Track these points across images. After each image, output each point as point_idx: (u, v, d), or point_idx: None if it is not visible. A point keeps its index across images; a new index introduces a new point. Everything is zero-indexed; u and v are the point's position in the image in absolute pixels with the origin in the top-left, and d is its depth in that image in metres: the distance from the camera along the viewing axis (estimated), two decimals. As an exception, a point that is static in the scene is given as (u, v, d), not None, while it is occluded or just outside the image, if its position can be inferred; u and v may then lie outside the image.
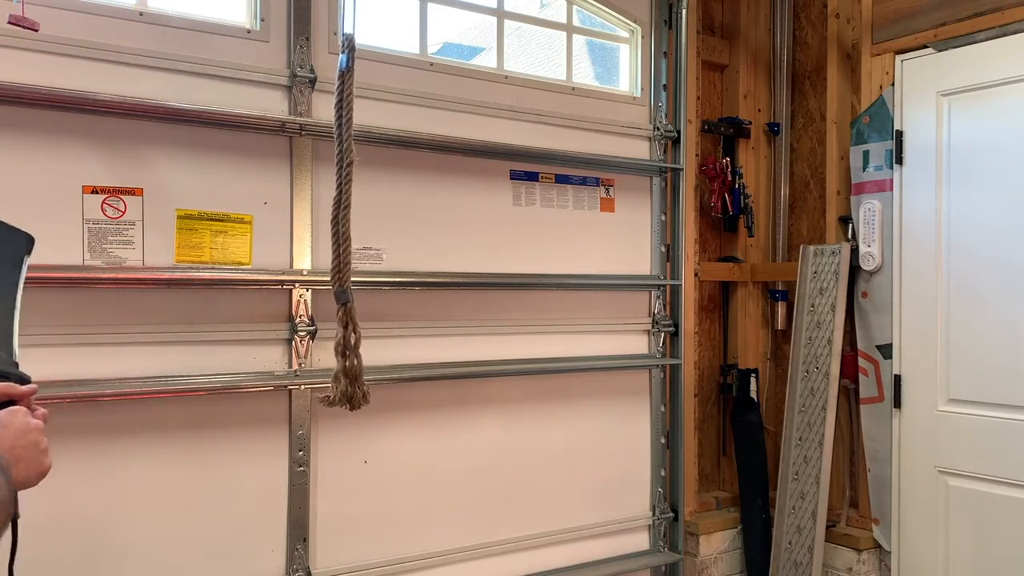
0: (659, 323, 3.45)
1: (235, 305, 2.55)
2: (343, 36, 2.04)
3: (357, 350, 2.02)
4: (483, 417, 3.04)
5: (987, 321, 3.02)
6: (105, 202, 2.34)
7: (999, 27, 2.98)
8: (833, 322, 3.36)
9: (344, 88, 2.00)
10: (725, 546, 3.63)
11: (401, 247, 2.84)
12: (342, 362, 2.01)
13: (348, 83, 2.00)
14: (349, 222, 2.02)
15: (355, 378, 2.02)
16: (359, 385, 2.02)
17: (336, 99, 2.01)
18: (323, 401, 2.04)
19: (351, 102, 2.01)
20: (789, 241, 3.81)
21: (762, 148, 3.86)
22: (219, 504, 2.54)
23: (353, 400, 2.02)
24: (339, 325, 2.02)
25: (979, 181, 3.05)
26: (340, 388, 2.01)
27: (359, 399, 2.02)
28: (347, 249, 2.02)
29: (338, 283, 2.02)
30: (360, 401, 2.03)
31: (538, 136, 3.13)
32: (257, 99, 2.58)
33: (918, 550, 3.23)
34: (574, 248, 3.24)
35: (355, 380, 2.02)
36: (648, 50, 3.47)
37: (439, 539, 2.94)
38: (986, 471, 3.02)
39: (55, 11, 2.26)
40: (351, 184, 2.00)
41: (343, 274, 2.02)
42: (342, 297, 2.02)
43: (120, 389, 2.34)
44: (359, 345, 2.02)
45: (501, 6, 3.14)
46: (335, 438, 2.73)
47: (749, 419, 3.67)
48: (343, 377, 2.01)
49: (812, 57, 3.72)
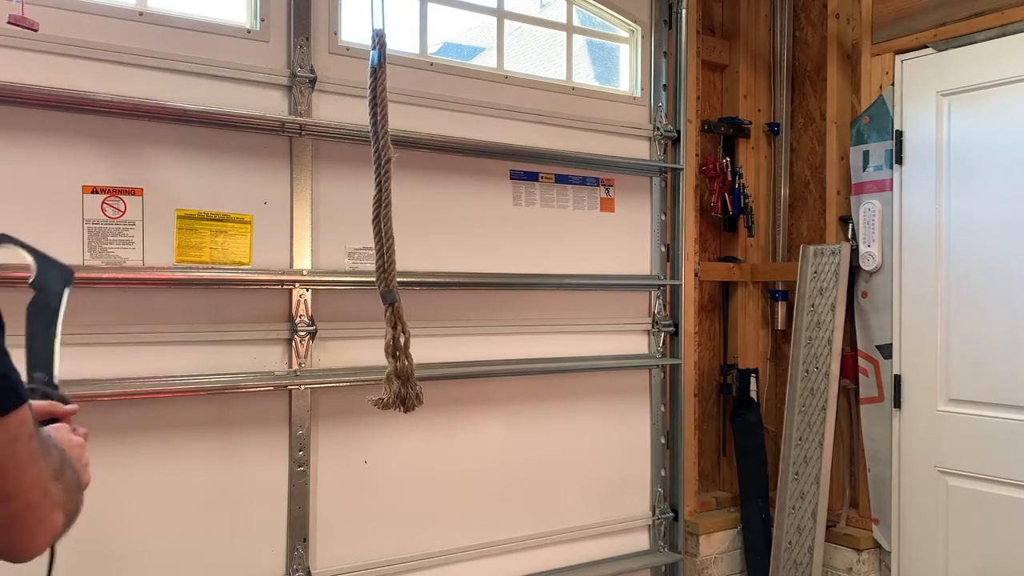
0: (659, 323, 3.45)
1: (235, 305, 2.55)
2: (373, 32, 2.01)
3: (407, 350, 1.95)
4: (483, 417, 3.04)
5: (987, 321, 3.02)
6: (105, 202, 2.34)
7: (999, 27, 2.98)
8: (833, 322, 3.36)
9: (377, 85, 1.97)
10: (725, 546, 3.63)
11: (401, 247, 2.81)
12: (393, 363, 1.94)
13: (381, 80, 1.97)
14: (391, 220, 1.97)
15: (407, 379, 1.94)
16: (412, 386, 1.95)
17: (369, 96, 1.98)
18: (376, 404, 1.96)
19: (385, 99, 1.97)
20: (789, 241, 3.81)
21: (762, 148, 3.86)
22: (219, 504, 2.54)
23: (407, 401, 1.94)
24: (387, 326, 1.95)
25: (979, 181, 3.05)
26: (393, 390, 1.94)
27: (412, 400, 1.95)
28: (391, 248, 1.96)
29: (384, 283, 1.96)
30: (414, 402, 1.95)
31: (538, 136, 3.13)
32: (257, 99, 2.58)
33: (918, 550, 3.23)
34: (574, 248, 3.24)
35: (407, 381, 1.94)
36: (648, 50, 3.47)
37: (439, 539, 2.94)
38: (986, 471, 3.02)
39: (55, 11, 2.26)
40: (391, 182, 1.95)
41: (389, 274, 1.96)
42: (389, 297, 1.96)
43: (120, 389, 2.34)
44: (409, 345, 1.95)
45: (501, 6, 3.14)
46: (335, 438, 2.73)
47: (749, 419, 3.67)
48: (395, 379, 1.94)
49: (812, 57, 3.72)
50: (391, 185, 1.95)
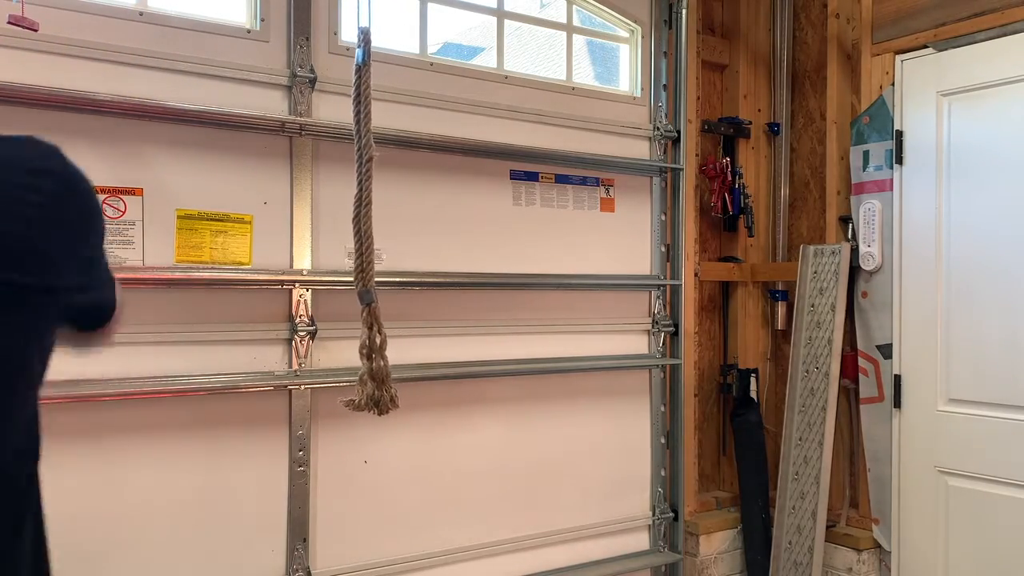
0: (659, 323, 3.45)
1: (235, 305, 2.55)
2: (359, 30, 2.01)
3: (383, 352, 1.93)
4: (483, 417, 3.04)
5: (987, 321, 3.02)
6: (105, 202, 2.34)
7: (999, 27, 2.98)
8: (833, 322, 3.36)
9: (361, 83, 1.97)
10: (725, 546, 3.63)
11: (401, 247, 2.84)
12: (368, 364, 1.92)
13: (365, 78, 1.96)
14: (371, 220, 1.96)
15: (382, 381, 1.92)
16: (387, 388, 1.93)
17: (353, 94, 1.97)
18: (348, 405, 1.95)
19: (368, 97, 1.96)
20: (789, 241, 3.81)
21: (762, 148, 3.86)
22: (219, 504, 2.54)
23: (381, 404, 1.93)
24: (364, 326, 1.93)
25: (979, 181, 3.05)
26: (367, 392, 1.92)
27: (387, 403, 1.93)
28: (370, 248, 1.94)
29: (361, 283, 1.94)
30: (388, 405, 1.93)
31: (538, 136, 3.13)
32: (257, 99, 2.58)
33: (918, 550, 3.23)
34: (574, 248, 3.24)
35: (382, 383, 1.92)
36: (648, 50, 3.47)
37: (439, 539, 2.94)
38: (986, 471, 3.02)
39: (55, 11, 2.26)
40: (371, 181, 1.94)
41: (367, 273, 1.94)
42: (366, 297, 1.94)
43: (120, 389, 2.34)
44: (385, 347, 1.93)
45: (501, 6, 3.14)
46: (335, 438, 2.73)
47: (749, 419, 3.67)
48: (370, 380, 1.92)
49: (812, 57, 3.72)
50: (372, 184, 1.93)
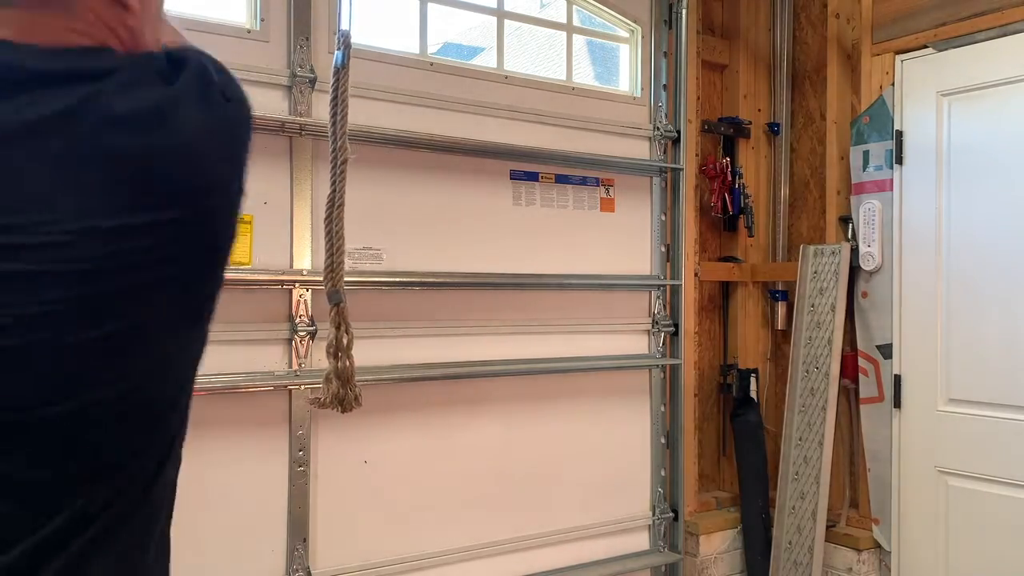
0: (659, 323, 3.45)
1: (235, 305, 2.54)
2: (339, 33, 2.03)
3: (350, 351, 1.97)
4: (483, 417, 3.04)
5: (987, 321, 3.02)
6: (105, 202, 2.34)
7: (999, 27, 2.98)
8: (833, 322, 3.36)
9: (339, 85, 1.98)
10: (725, 546, 3.63)
11: (400, 247, 2.84)
12: (334, 363, 1.95)
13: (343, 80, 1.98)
14: (343, 221, 1.99)
15: (347, 380, 1.96)
16: (351, 387, 1.97)
17: (331, 96, 1.99)
18: (313, 403, 2.01)
19: (346, 99, 1.98)
20: (789, 241, 3.81)
21: (762, 148, 3.86)
22: (219, 504, 2.54)
23: (344, 402, 1.97)
24: (331, 326, 1.96)
25: (979, 181, 3.05)
26: (332, 390, 1.95)
27: (351, 401, 1.97)
28: (340, 248, 1.99)
29: (331, 283, 1.98)
30: (352, 404, 1.98)
31: (538, 136, 3.13)
32: (257, 99, 2.55)
33: (918, 550, 3.23)
34: (574, 248, 3.24)
35: (347, 382, 1.97)
36: (648, 50, 3.47)
37: (439, 539, 2.94)
38: (986, 471, 3.02)
39: (55, 11, 2.26)
40: (345, 182, 1.97)
41: (336, 274, 1.99)
42: (335, 297, 1.98)
43: (120, 389, 2.33)
44: (352, 346, 1.97)
45: (501, 6, 3.14)
46: (335, 438, 2.73)
47: (749, 419, 3.67)
48: (335, 379, 1.95)
49: (812, 57, 3.72)
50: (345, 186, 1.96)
